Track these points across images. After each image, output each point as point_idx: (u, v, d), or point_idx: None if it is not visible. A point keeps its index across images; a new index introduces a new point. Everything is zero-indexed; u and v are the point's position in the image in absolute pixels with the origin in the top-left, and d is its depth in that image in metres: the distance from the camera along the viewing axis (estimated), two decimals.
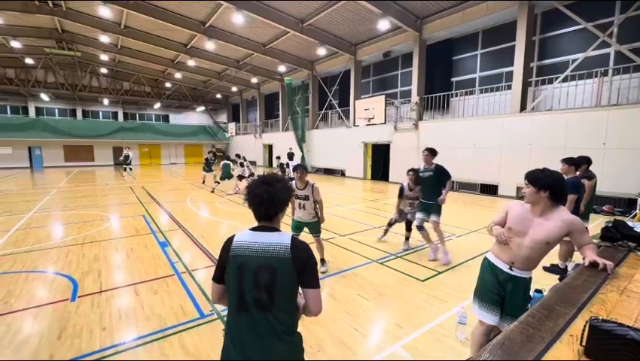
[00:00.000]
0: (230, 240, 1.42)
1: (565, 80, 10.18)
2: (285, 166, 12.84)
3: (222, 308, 3.33)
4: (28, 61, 21.18)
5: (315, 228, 4.33)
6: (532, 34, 10.94)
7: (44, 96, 25.27)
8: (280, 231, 1.45)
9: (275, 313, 1.32)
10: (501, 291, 2.19)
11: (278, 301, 1.32)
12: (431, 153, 4.82)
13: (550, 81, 10.61)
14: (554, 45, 11.05)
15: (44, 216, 7.77)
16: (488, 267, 2.29)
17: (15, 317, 3.18)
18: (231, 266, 1.36)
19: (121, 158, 17.25)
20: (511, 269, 2.15)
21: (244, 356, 1.30)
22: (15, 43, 17.91)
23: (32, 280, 4.07)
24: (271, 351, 1.31)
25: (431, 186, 4.77)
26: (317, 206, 4.27)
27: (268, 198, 1.40)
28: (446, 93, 13.50)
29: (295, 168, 4.26)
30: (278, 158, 13.61)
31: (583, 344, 1.11)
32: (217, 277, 1.43)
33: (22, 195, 11.33)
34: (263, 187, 1.42)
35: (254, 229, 1.44)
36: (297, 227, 4.34)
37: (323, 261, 4.39)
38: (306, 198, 4.19)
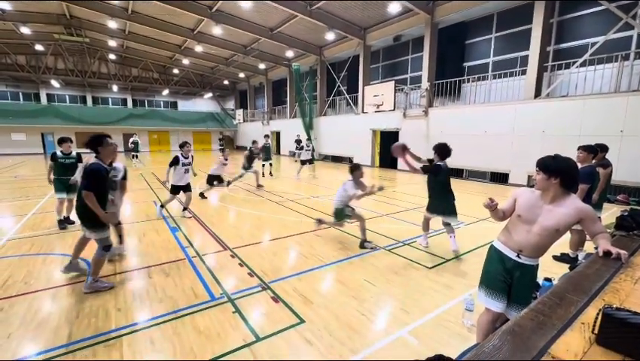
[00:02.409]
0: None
1: (583, 64, 9.79)
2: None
3: (232, 291, 3.42)
4: (38, 47, 21.31)
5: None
6: (550, 16, 10.48)
7: (55, 83, 25.53)
8: None
9: None
10: (508, 278, 2.18)
11: None
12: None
13: (567, 66, 10.23)
14: (573, 28, 10.59)
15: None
16: (495, 254, 2.28)
17: (35, 296, 3.31)
18: None
19: (131, 145, 17.42)
20: (519, 257, 2.13)
21: None
22: (24, 30, 17.99)
23: (49, 262, 4.22)
24: None
25: None
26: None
27: None
28: (457, 79, 13.15)
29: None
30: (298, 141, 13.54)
31: (595, 331, 1.10)
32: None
33: (37, 180, 11.61)
34: None
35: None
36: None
37: None
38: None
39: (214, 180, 8.32)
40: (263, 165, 12.51)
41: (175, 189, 6.36)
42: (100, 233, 3.41)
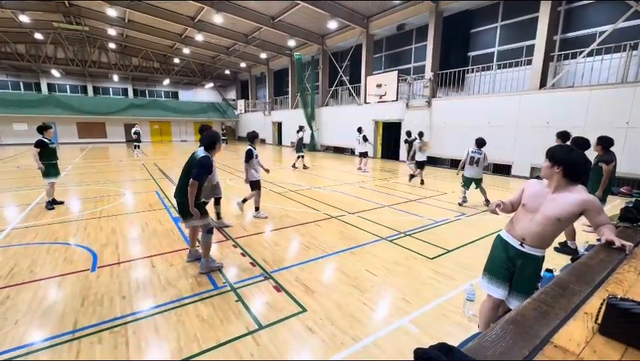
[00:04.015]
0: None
1: (590, 54, 9.61)
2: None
3: (235, 281, 3.45)
4: (38, 36, 21.11)
5: None
6: (558, 4, 10.25)
7: (55, 72, 25.37)
8: None
9: None
10: (511, 267, 2.21)
11: None
12: None
13: (574, 56, 10.05)
14: (581, 16, 10.37)
15: (62, 191, 8.00)
16: (500, 243, 2.31)
17: (40, 284, 3.35)
18: None
19: (134, 135, 17.39)
20: (522, 245, 2.15)
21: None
22: (23, 18, 17.79)
23: (53, 251, 4.26)
24: None
25: None
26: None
27: None
28: (461, 69, 12.97)
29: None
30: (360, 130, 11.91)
31: (599, 321, 1.10)
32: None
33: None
34: None
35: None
36: None
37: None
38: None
39: (424, 165, 9.15)
40: (299, 157, 12.36)
41: (258, 184, 5.79)
42: (204, 220, 3.61)
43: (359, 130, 11.93)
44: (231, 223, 5.41)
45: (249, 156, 5.54)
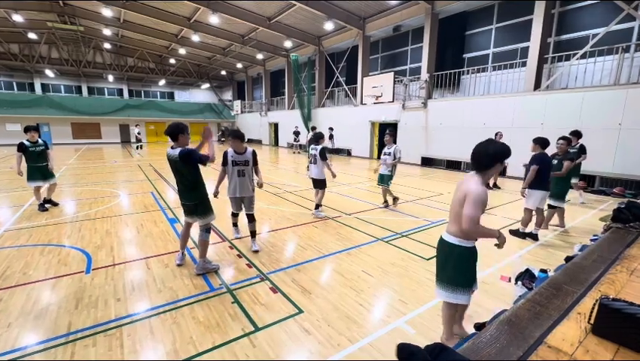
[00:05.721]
0: None
1: (583, 56, 9.72)
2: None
3: (231, 282, 3.44)
4: (32, 36, 20.91)
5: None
6: (552, 6, 10.36)
7: (49, 72, 25.12)
8: None
9: None
10: None
11: None
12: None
13: (568, 58, 10.16)
14: (574, 19, 10.48)
15: (56, 192, 7.90)
16: (473, 254, 2.31)
17: (34, 287, 3.32)
18: None
19: (138, 136, 17.36)
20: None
21: None
22: (17, 17, 17.60)
23: (47, 252, 4.22)
24: None
25: None
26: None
27: None
28: (457, 70, 13.05)
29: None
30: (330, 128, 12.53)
31: (591, 321, 1.11)
32: None
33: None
34: None
35: None
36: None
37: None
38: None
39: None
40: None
41: (325, 183, 5.99)
42: (210, 218, 3.69)
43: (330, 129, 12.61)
44: (240, 235, 4.98)
45: (324, 154, 5.77)
